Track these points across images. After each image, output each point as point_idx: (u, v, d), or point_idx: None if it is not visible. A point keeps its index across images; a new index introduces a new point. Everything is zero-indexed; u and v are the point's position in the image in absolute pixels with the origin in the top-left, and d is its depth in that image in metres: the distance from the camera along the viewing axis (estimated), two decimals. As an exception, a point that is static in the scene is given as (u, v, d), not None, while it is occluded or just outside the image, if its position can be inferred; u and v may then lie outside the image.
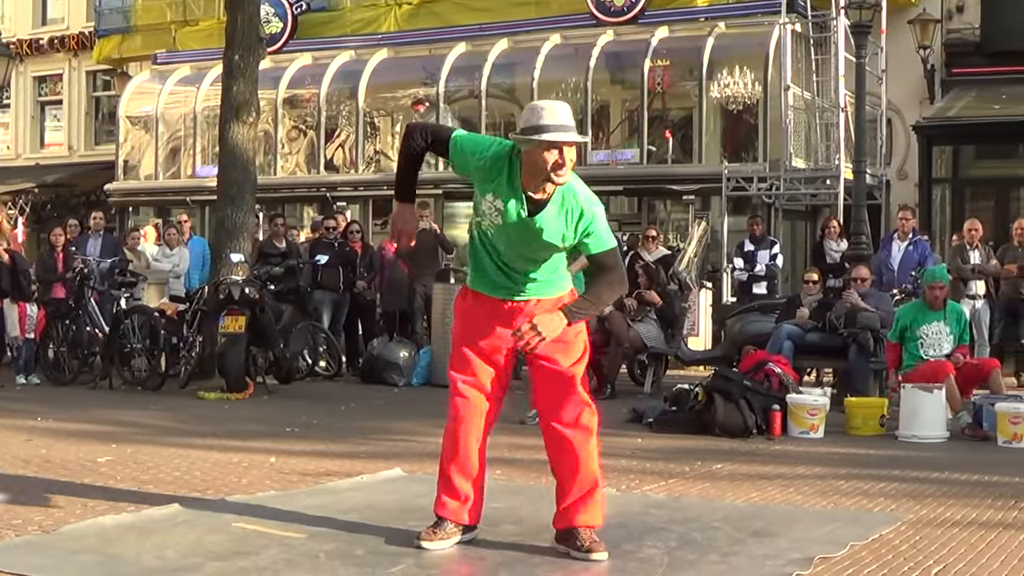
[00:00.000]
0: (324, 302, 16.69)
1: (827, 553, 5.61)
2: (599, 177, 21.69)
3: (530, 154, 5.39)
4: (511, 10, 24.54)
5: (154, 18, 29.30)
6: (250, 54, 15.21)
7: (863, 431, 10.72)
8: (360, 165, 24.92)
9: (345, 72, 25.49)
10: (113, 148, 28.99)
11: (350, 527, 6.14)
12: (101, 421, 11.13)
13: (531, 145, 5.36)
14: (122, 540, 5.82)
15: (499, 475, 8.01)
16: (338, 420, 11.47)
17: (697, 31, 22.69)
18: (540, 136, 5.33)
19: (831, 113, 20.66)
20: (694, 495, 7.38)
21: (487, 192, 5.55)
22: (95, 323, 15.34)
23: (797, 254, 21.94)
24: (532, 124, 5.36)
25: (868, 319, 12.55)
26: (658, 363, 14.77)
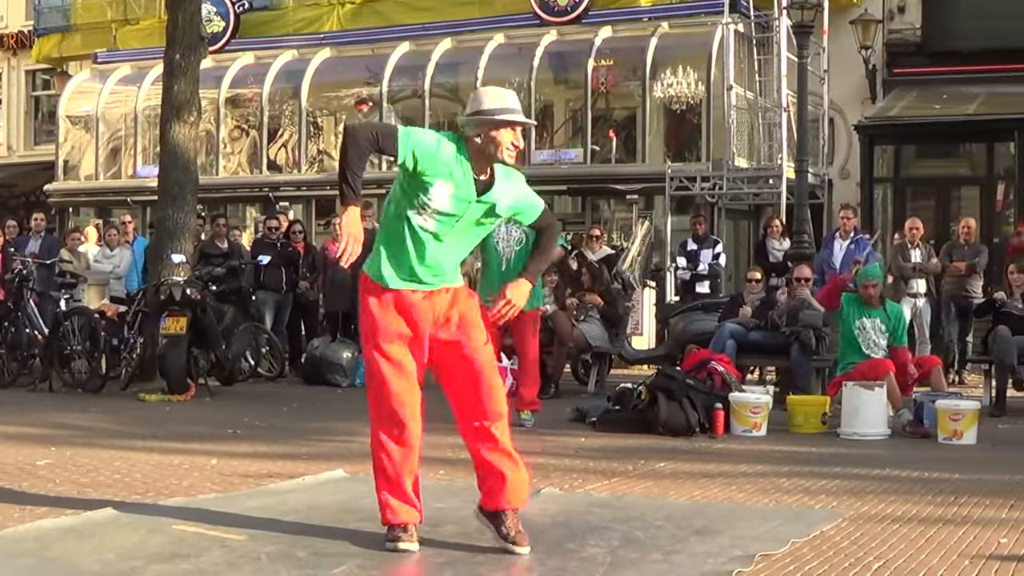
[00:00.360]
0: (266, 303, 16.60)
1: (769, 550, 5.62)
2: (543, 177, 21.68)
3: (484, 135, 5.58)
4: (454, 10, 24.50)
5: (94, 17, 29.03)
6: (191, 53, 15.10)
7: (805, 429, 10.78)
8: (303, 165, 24.80)
9: (287, 71, 25.36)
10: (53, 148, 28.68)
11: (292, 528, 6.10)
12: (41, 424, 11.00)
13: (491, 126, 5.56)
14: (61, 543, 5.76)
15: (442, 475, 8.01)
16: (280, 421, 11.40)
17: (640, 31, 22.74)
18: (504, 116, 5.58)
19: (774, 113, 20.75)
20: (637, 494, 7.38)
21: (435, 179, 5.57)
22: (34, 325, 15.13)
23: (740, 253, 22.02)
24: (495, 107, 5.60)
25: (810, 317, 12.61)
26: (602, 362, 14.79)
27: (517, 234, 10.95)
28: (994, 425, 11.27)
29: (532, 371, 11.23)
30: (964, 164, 23.28)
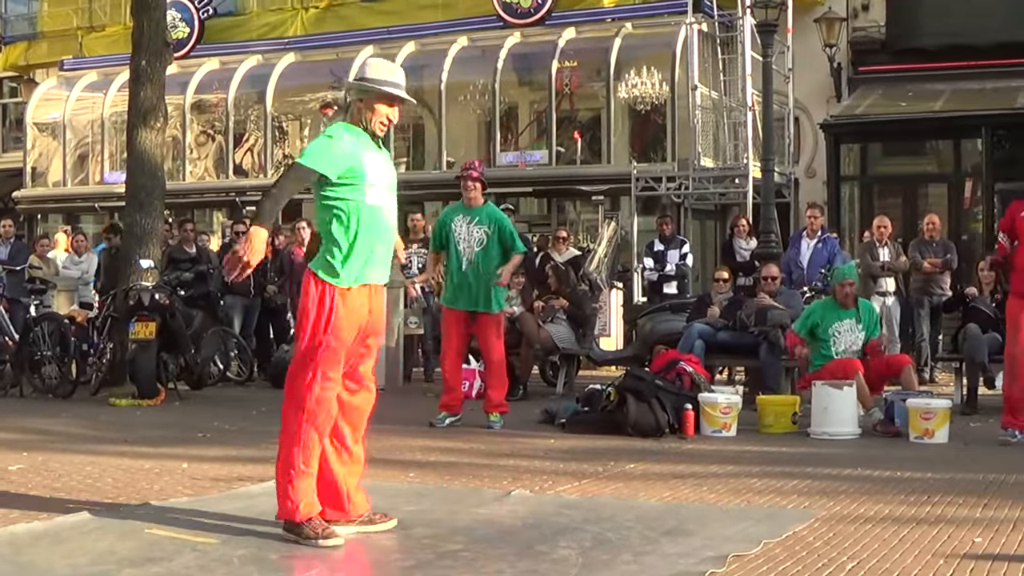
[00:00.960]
0: (235, 307, 16.54)
1: (741, 551, 5.61)
2: (508, 179, 21.79)
3: (365, 103, 6.06)
4: (418, 13, 24.52)
5: (60, 24, 29.00)
6: (157, 59, 15.05)
7: (775, 429, 10.78)
8: (269, 169, 24.74)
9: (252, 76, 25.34)
10: (20, 155, 28.67)
11: (264, 532, 6.07)
12: (12, 429, 10.93)
13: (374, 95, 6.04)
14: (34, 548, 5.75)
15: (412, 478, 7.99)
16: (250, 425, 11.35)
17: (604, 32, 22.79)
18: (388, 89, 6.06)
19: (739, 112, 20.79)
20: (607, 495, 7.37)
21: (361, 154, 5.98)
22: (5, 331, 15.07)
23: (707, 253, 22.08)
24: (382, 78, 6.09)
25: (779, 317, 12.62)
26: (570, 364, 14.78)
27: (479, 235, 10.96)
28: (966, 423, 11.27)
29: (498, 373, 11.22)
30: (931, 161, 23.38)
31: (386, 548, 5.77)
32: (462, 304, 11.03)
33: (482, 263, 10.93)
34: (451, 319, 11.19)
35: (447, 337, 11.29)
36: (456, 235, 10.98)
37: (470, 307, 10.99)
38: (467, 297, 10.98)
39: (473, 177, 11.13)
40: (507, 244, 11.01)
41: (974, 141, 21.53)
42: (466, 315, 11.06)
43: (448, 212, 11.54)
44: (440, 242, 11.22)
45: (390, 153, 6.13)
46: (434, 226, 11.75)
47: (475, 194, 11.13)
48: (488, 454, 9.34)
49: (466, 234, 10.98)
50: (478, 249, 10.95)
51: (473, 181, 11.12)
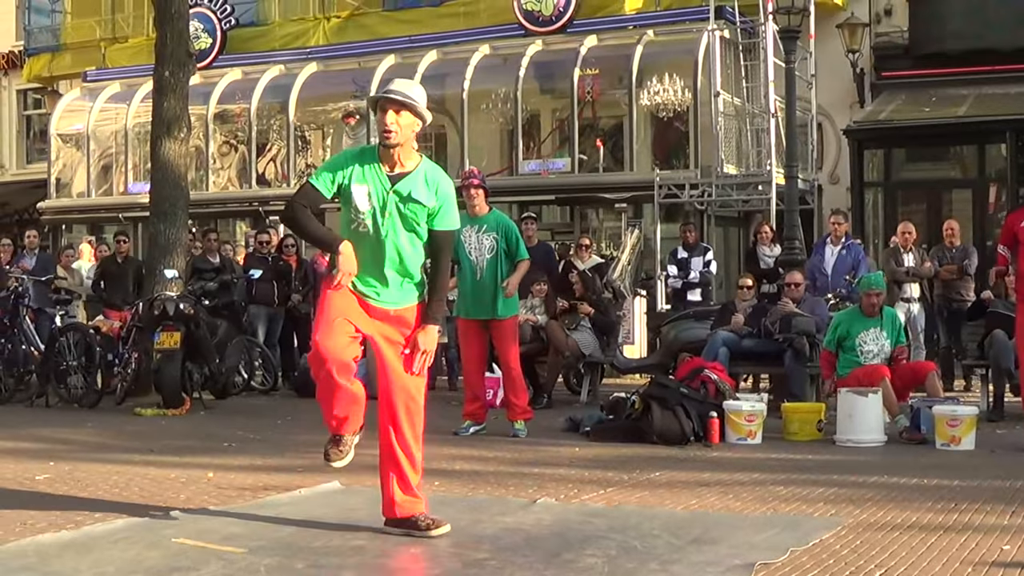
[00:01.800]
0: (259, 317, 16.60)
1: (768, 559, 5.58)
2: (531, 187, 21.79)
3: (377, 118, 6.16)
4: (440, 22, 24.54)
5: (83, 36, 29.12)
6: (180, 70, 15.11)
7: (801, 436, 10.74)
8: (292, 179, 24.77)
9: (275, 86, 25.37)
10: (45, 166, 28.80)
11: (289, 541, 6.09)
12: (38, 439, 10.99)
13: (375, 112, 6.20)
14: (61, 558, 5.74)
15: (437, 487, 7.97)
16: (275, 434, 11.38)
17: (626, 39, 22.74)
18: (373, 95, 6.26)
19: (761, 119, 20.76)
20: (633, 503, 7.34)
21: (352, 184, 6.27)
22: (30, 341, 15.18)
23: (731, 260, 22.02)
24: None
25: (803, 324, 12.58)
26: (594, 372, 14.76)
27: (488, 243, 10.97)
28: (992, 430, 11.21)
29: (517, 379, 11.20)
30: (955, 167, 23.29)
31: (413, 556, 5.77)
32: (476, 313, 11.03)
33: (492, 271, 10.93)
34: (468, 330, 11.19)
35: (466, 348, 11.29)
36: (466, 246, 10.98)
37: (484, 315, 10.98)
38: (480, 306, 10.98)
39: (474, 185, 11.14)
40: (512, 250, 11.00)
41: (998, 146, 21.46)
42: (481, 324, 11.06)
43: None
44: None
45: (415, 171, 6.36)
46: None
47: (479, 202, 11.13)
48: (513, 463, 9.32)
49: (476, 243, 10.99)
50: (489, 256, 10.96)
51: (475, 189, 11.13)
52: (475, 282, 10.97)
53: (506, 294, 10.91)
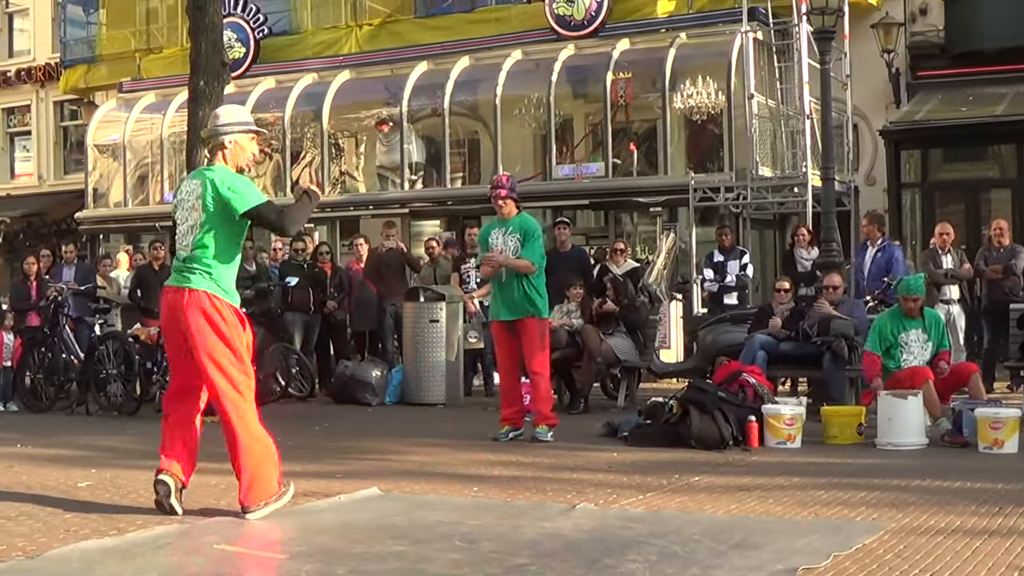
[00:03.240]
0: (295, 323, 16.62)
1: (810, 564, 5.54)
2: (565, 191, 21.76)
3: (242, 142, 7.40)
4: (471, 28, 24.55)
5: (118, 47, 29.30)
6: (215, 80, 15.18)
7: (841, 440, 10.66)
8: (326, 187, 24.81)
9: (308, 95, 25.45)
10: (82, 177, 29.05)
11: (330, 546, 6.11)
12: (79, 446, 11.08)
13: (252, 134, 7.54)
14: (104, 564, 5.79)
15: (476, 492, 7.95)
16: (313, 440, 11.37)
17: (658, 42, 22.69)
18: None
19: (796, 120, 20.65)
20: (673, 508, 7.31)
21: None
22: (70, 350, 15.33)
23: (767, 263, 21.92)
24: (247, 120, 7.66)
25: (842, 327, 12.50)
26: (631, 376, 14.71)
27: (513, 244, 11.00)
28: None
29: (541, 385, 11.14)
30: (993, 166, 23.14)
31: (453, 562, 5.73)
32: (504, 314, 11.02)
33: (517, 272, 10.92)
34: (498, 332, 11.20)
35: (499, 351, 11.34)
36: (494, 248, 11.01)
37: (512, 315, 10.96)
38: (508, 306, 10.97)
39: (501, 196, 11.15)
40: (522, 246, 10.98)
41: (1037, 145, 21.30)
42: (510, 324, 11.02)
43: (486, 228, 11.64)
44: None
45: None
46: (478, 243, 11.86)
47: (508, 209, 11.15)
48: (551, 468, 9.29)
49: (502, 244, 11.04)
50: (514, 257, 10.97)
51: (503, 200, 11.13)
52: (503, 283, 10.97)
53: (488, 260, 10.96)
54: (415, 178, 24.14)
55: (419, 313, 15.31)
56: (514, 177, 12.26)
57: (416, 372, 15.25)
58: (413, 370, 15.28)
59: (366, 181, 25.21)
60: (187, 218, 7.15)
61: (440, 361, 15.09)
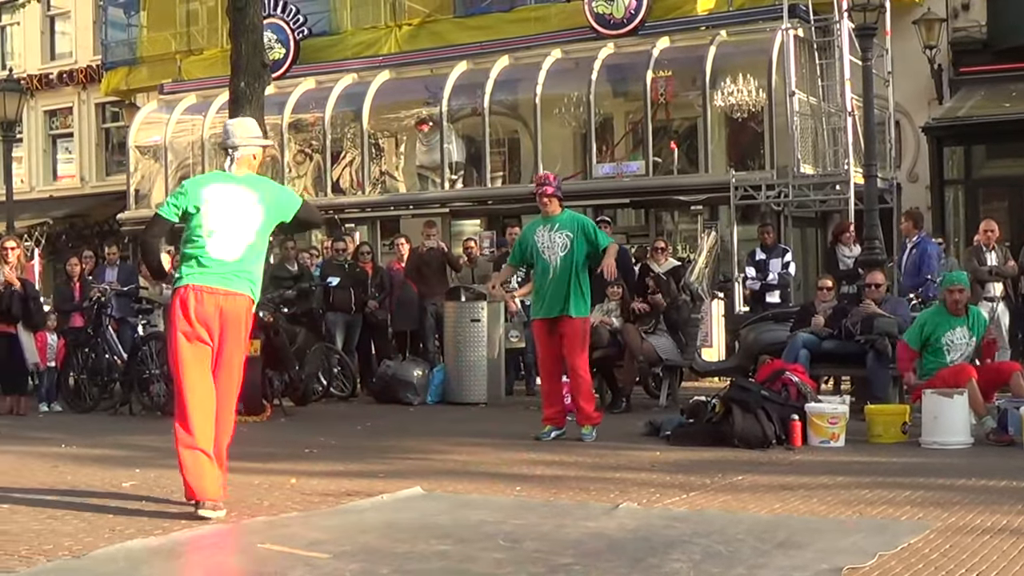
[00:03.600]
0: (337, 323, 16.69)
1: (855, 563, 5.51)
2: (605, 190, 21.71)
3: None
4: (511, 27, 24.52)
5: (159, 49, 29.43)
6: (256, 80, 15.21)
7: (885, 439, 10.62)
8: (366, 187, 24.89)
9: (348, 95, 25.49)
10: (124, 178, 29.16)
11: (373, 546, 6.13)
12: (124, 446, 11.16)
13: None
14: (150, 563, 5.83)
15: (518, 491, 7.96)
16: (355, 440, 11.42)
17: (698, 40, 22.60)
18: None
19: (838, 117, 20.54)
20: (716, 508, 7.29)
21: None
22: (113, 350, 15.42)
23: (809, 261, 21.82)
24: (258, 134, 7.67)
25: (885, 325, 12.43)
26: (673, 375, 14.68)
27: (561, 241, 10.95)
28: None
29: (584, 384, 11.14)
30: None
31: (497, 561, 5.73)
32: (546, 311, 10.99)
33: (566, 268, 10.90)
34: (542, 331, 11.16)
35: (541, 349, 11.32)
36: (540, 245, 11.00)
37: (554, 312, 10.93)
38: (553, 304, 10.93)
39: (548, 194, 11.11)
40: (593, 241, 10.95)
41: (1081, 140, 21.10)
42: (552, 323, 11.00)
43: (529, 227, 11.49)
44: (520, 257, 11.28)
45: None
46: (515, 242, 11.76)
47: (552, 207, 11.11)
48: (594, 467, 9.29)
49: (548, 242, 11.00)
50: (562, 254, 10.93)
51: (548, 198, 11.10)
52: (549, 280, 10.94)
53: (608, 274, 10.91)
54: (455, 178, 24.15)
55: (460, 312, 15.33)
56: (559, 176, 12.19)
57: (457, 371, 15.28)
58: (454, 369, 15.31)
59: (406, 181, 25.24)
60: (233, 222, 7.25)
61: (481, 360, 15.12)
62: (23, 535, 6.50)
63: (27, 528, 6.72)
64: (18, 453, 10.61)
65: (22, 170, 33.48)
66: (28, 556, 5.95)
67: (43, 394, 15.48)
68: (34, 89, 32.82)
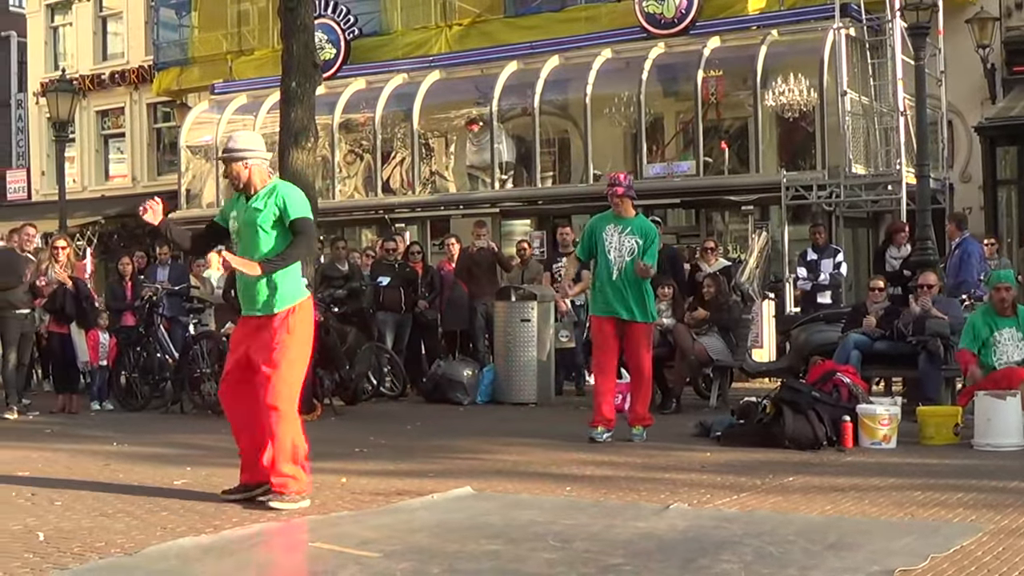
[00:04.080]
0: (387, 323, 16.72)
1: (907, 566, 5.50)
2: (655, 190, 21.66)
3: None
4: (561, 27, 24.52)
5: (210, 49, 29.62)
6: (307, 81, 15.25)
7: (937, 440, 10.55)
8: (416, 187, 24.96)
9: (399, 95, 25.58)
10: (175, 178, 29.43)
11: (424, 545, 6.16)
12: (175, 445, 11.25)
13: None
14: (202, 561, 5.88)
15: (569, 491, 7.97)
16: (406, 439, 11.45)
17: (750, 40, 22.53)
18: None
19: (890, 117, 20.44)
20: (767, 508, 7.28)
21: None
22: (165, 349, 15.56)
23: (860, 262, 21.69)
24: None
25: (938, 325, 12.36)
26: (723, 376, 14.65)
27: (630, 245, 10.92)
28: None
29: (646, 384, 11.17)
30: (1091, 162, 22.71)
31: (548, 561, 5.74)
32: (607, 311, 10.96)
33: (632, 272, 10.87)
34: (601, 328, 11.10)
35: (601, 348, 11.16)
36: (607, 244, 10.96)
37: (624, 315, 10.90)
38: (620, 305, 10.90)
39: (618, 194, 11.09)
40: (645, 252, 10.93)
41: None
42: (617, 324, 10.98)
43: (598, 220, 11.35)
44: (588, 251, 11.20)
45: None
46: (583, 234, 11.70)
47: (626, 207, 11.10)
48: (644, 468, 9.29)
49: (617, 243, 10.96)
50: (629, 259, 10.90)
51: (619, 198, 11.09)
52: (612, 281, 10.92)
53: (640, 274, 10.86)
54: (505, 178, 24.19)
55: (510, 312, 15.35)
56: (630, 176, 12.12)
57: (507, 371, 15.29)
58: (504, 369, 15.32)
59: (456, 181, 25.31)
60: None
61: (531, 360, 15.13)
62: (76, 532, 6.57)
63: (79, 525, 6.79)
64: (70, 451, 10.72)
65: (74, 170, 33.70)
66: (80, 553, 6.02)
67: (95, 393, 15.58)
68: (86, 89, 33.06)
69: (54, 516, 7.12)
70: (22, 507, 7.49)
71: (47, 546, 6.20)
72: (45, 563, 5.79)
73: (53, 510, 7.36)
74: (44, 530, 6.61)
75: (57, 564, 5.77)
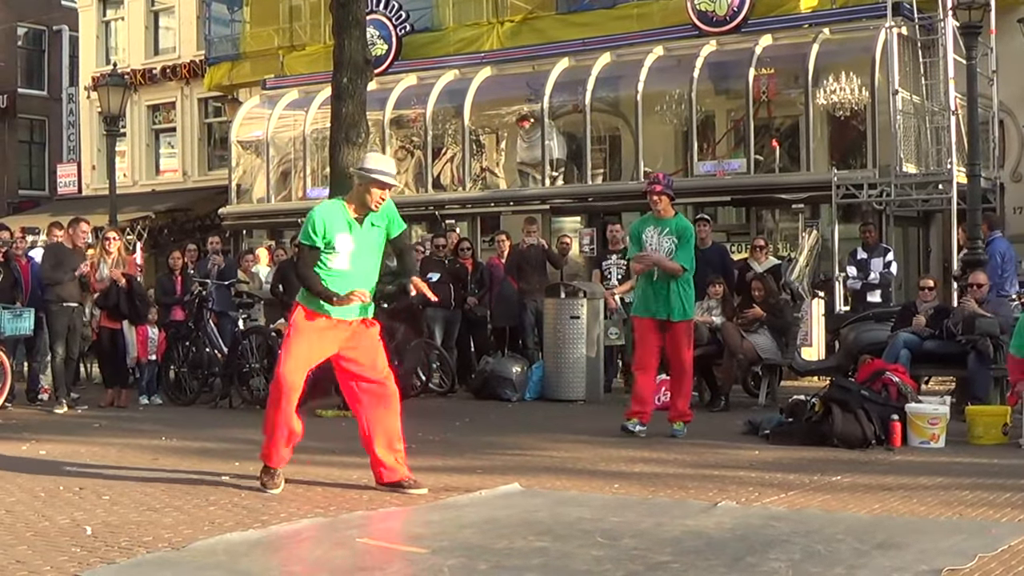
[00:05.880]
0: (436, 319, 16.77)
1: (955, 565, 5.51)
2: (706, 188, 21.65)
3: (364, 187, 7.97)
4: (613, 24, 24.49)
5: (262, 44, 29.75)
6: (358, 76, 15.33)
7: (985, 440, 10.54)
8: (467, 183, 25.02)
9: (450, 91, 25.62)
10: (226, 173, 29.63)
11: (472, 542, 6.17)
12: (223, 439, 11.33)
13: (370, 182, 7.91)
14: (249, 556, 5.89)
15: (617, 489, 8.00)
16: (454, 436, 11.51)
17: (801, 38, 22.45)
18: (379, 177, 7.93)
19: (941, 116, 20.32)
20: (815, 507, 7.29)
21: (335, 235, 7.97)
22: (214, 344, 15.58)
23: (910, 261, 21.60)
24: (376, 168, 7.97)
25: (987, 325, 12.32)
26: (772, 374, 14.64)
27: (668, 245, 10.99)
28: None
29: (687, 381, 11.24)
30: None
31: (596, 559, 5.77)
32: (647, 311, 11.03)
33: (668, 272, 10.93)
34: (643, 328, 11.19)
35: (643, 348, 11.26)
36: (647, 245, 11.05)
37: (663, 315, 10.97)
38: (661, 305, 10.97)
39: (656, 191, 11.15)
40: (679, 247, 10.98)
41: None
42: (658, 323, 11.04)
43: (640, 223, 11.51)
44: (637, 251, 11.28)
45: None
46: (629, 238, 11.81)
47: (663, 206, 11.15)
48: (692, 465, 9.32)
49: (656, 244, 11.05)
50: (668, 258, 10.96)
51: (657, 195, 11.13)
52: (652, 282, 10.99)
53: (641, 258, 10.94)
54: (556, 174, 24.21)
55: (560, 309, 15.38)
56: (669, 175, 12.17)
57: (556, 368, 15.33)
58: (553, 366, 15.37)
59: (507, 177, 25.34)
60: None
61: (580, 357, 15.16)
62: (123, 526, 6.62)
63: (127, 520, 6.84)
64: (119, 445, 10.81)
65: (125, 164, 33.88)
66: (128, 547, 6.06)
67: (143, 387, 15.70)
68: (138, 84, 33.28)
69: (102, 510, 7.18)
70: (70, 501, 7.56)
71: (94, 540, 6.25)
72: (92, 557, 5.83)
73: (101, 504, 7.42)
74: (91, 524, 6.67)
75: (104, 558, 5.81)
